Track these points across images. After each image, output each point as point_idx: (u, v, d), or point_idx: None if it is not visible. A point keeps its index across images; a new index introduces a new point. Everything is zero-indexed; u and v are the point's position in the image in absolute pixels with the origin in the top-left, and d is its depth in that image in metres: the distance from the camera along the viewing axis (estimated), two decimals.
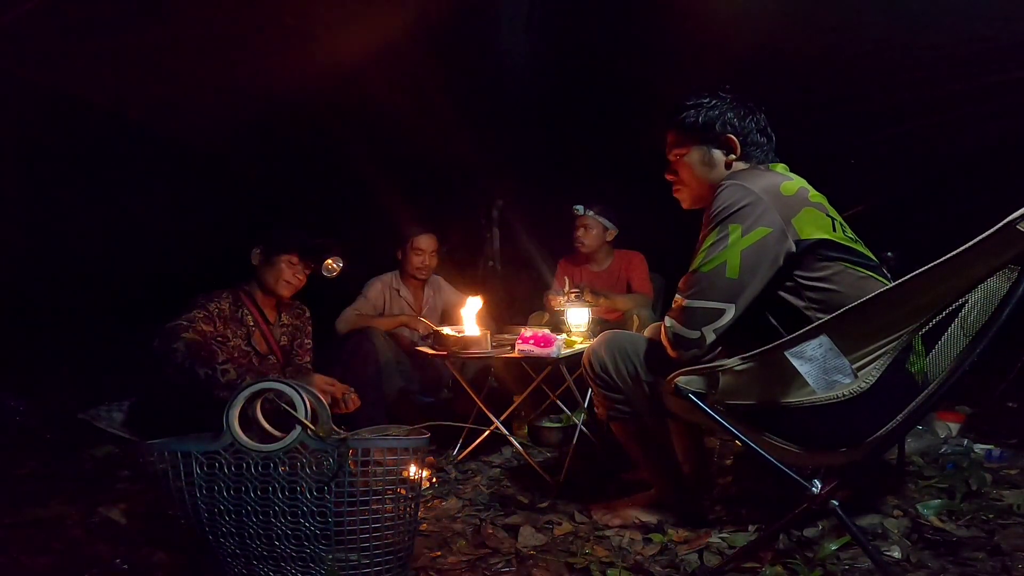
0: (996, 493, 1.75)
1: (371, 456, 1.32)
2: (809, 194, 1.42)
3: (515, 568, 1.50)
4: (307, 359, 2.47)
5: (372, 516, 1.30)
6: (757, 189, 1.37)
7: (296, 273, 2.34)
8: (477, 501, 1.95)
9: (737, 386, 1.30)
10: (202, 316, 2.15)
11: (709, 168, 1.57)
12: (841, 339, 1.19)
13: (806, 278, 1.36)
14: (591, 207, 3.13)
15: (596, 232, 3.15)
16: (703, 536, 1.57)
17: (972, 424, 2.32)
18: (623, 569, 1.44)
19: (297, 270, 2.35)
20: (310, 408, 1.30)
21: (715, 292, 1.38)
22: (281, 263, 2.31)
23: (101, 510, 1.78)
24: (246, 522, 1.29)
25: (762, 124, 1.56)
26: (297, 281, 2.36)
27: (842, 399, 1.24)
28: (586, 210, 3.13)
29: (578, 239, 3.16)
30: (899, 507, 1.68)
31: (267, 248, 2.34)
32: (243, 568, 1.32)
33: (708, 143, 1.55)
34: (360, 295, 2.99)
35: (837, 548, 1.43)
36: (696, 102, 1.57)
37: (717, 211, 1.40)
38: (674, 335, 1.43)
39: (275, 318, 2.41)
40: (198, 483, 1.28)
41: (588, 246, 3.17)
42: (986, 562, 1.39)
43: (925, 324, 1.22)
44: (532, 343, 2.09)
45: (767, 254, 1.35)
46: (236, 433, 1.28)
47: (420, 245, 3.01)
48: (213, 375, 1.99)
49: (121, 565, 1.49)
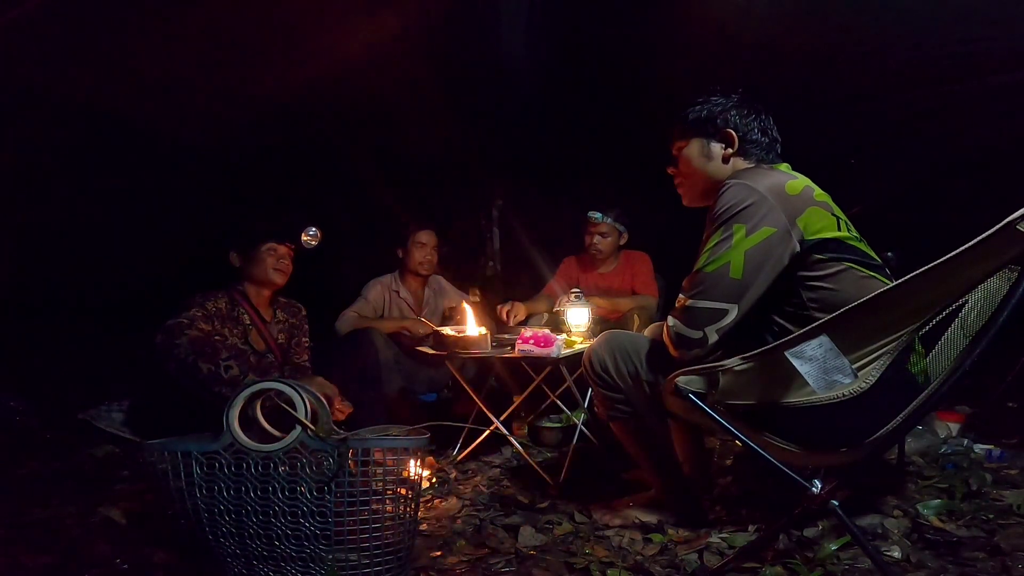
0: (996, 493, 1.75)
1: (371, 456, 1.32)
2: (814, 193, 1.41)
3: (515, 568, 1.50)
4: (305, 357, 2.47)
5: (372, 516, 1.31)
6: (762, 188, 1.37)
7: (280, 258, 2.35)
8: (477, 501, 1.95)
9: (737, 386, 1.30)
10: (201, 315, 2.16)
11: (707, 160, 1.59)
12: (841, 339, 1.19)
13: (810, 278, 1.36)
14: (608, 213, 3.10)
15: (612, 239, 3.14)
16: (703, 536, 1.57)
17: (972, 424, 2.32)
18: (623, 569, 1.44)
19: (280, 255, 2.35)
20: (310, 408, 1.30)
21: (718, 292, 1.38)
22: (262, 255, 2.32)
23: (101, 510, 1.79)
24: (246, 522, 1.29)
25: (765, 125, 1.57)
26: (284, 266, 2.37)
27: (842, 399, 1.24)
28: (604, 216, 3.10)
29: (593, 245, 3.14)
30: (899, 507, 1.68)
31: (241, 246, 2.35)
32: (243, 568, 1.32)
33: (708, 136, 1.58)
34: (360, 296, 2.99)
35: (837, 548, 1.43)
36: (704, 98, 1.60)
37: (721, 210, 1.40)
38: (677, 335, 1.43)
39: (271, 316, 2.42)
40: (198, 483, 1.28)
41: (604, 252, 3.15)
42: (986, 562, 1.39)
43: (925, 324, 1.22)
44: (532, 343, 2.09)
45: (771, 254, 1.35)
46: (236, 433, 1.28)
47: (422, 239, 3.01)
48: (216, 371, 2.00)
49: (121, 565, 1.49)
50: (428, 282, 3.15)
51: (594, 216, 3.10)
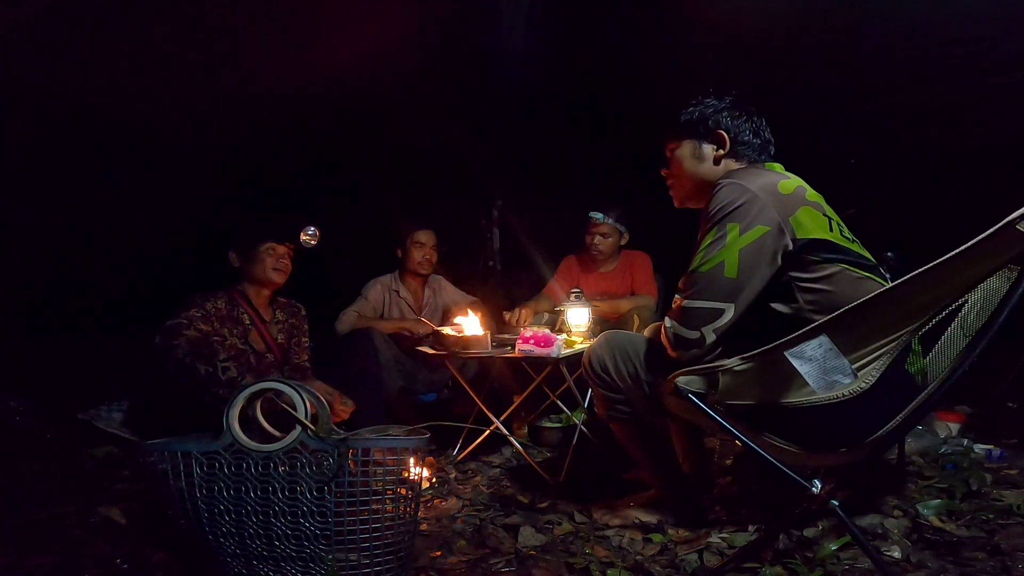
0: (996, 493, 1.74)
1: (371, 456, 1.32)
2: (807, 193, 1.42)
3: (515, 568, 1.50)
4: (305, 357, 2.47)
5: (372, 516, 1.31)
6: (755, 187, 1.38)
7: (280, 258, 2.35)
8: (477, 501, 1.95)
9: (737, 386, 1.30)
10: (200, 315, 2.16)
11: (698, 161, 1.60)
12: (841, 339, 1.19)
13: (804, 279, 1.36)
14: (609, 214, 3.09)
15: (613, 239, 3.13)
16: (703, 536, 1.57)
17: (972, 424, 2.32)
18: (623, 569, 1.44)
19: (279, 254, 2.35)
20: (310, 408, 1.30)
21: (714, 292, 1.38)
22: (261, 254, 2.32)
23: (101, 510, 1.79)
24: (246, 522, 1.29)
25: (757, 127, 1.58)
26: (284, 265, 2.36)
27: (842, 399, 1.24)
28: (605, 217, 3.09)
29: (594, 246, 3.13)
30: (899, 507, 1.68)
31: (240, 246, 2.35)
32: (243, 568, 1.32)
33: (699, 137, 1.59)
34: (360, 296, 2.99)
35: (837, 548, 1.43)
36: (696, 101, 1.61)
37: (715, 210, 1.40)
38: (674, 335, 1.43)
39: (270, 316, 2.42)
40: (198, 483, 1.28)
41: (605, 253, 3.14)
42: (986, 562, 1.39)
43: (925, 324, 1.22)
44: (532, 343, 2.09)
45: (766, 252, 1.35)
46: (236, 433, 1.29)
47: (420, 239, 3.01)
48: (214, 372, 2.00)
49: (121, 565, 1.49)
50: (428, 282, 3.15)
51: (595, 216, 3.10)
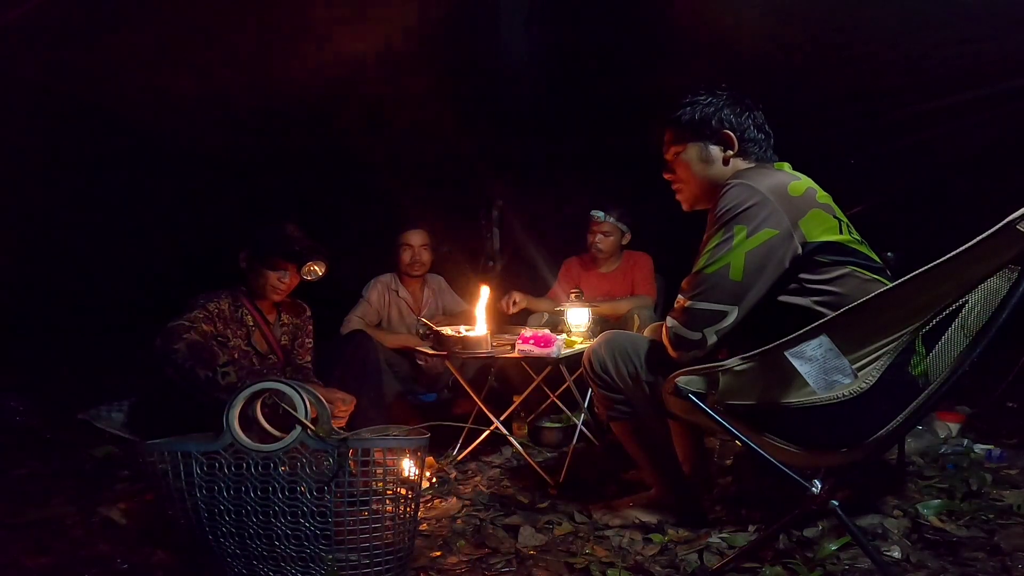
0: (996, 493, 1.75)
1: (371, 456, 1.32)
2: (817, 195, 1.40)
3: (515, 568, 1.50)
4: (307, 358, 2.47)
5: (372, 516, 1.31)
6: (764, 189, 1.36)
7: (282, 277, 2.30)
8: (477, 501, 1.94)
9: (737, 386, 1.30)
10: (203, 316, 2.15)
11: (707, 165, 1.55)
12: (841, 339, 1.19)
13: (812, 281, 1.35)
14: (611, 212, 3.08)
15: (614, 238, 3.12)
16: (703, 536, 1.57)
17: (972, 424, 2.32)
18: (623, 569, 1.44)
19: (283, 274, 2.31)
20: (310, 408, 1.30)
21: (718, 294, 1.37)
22: (267, 269, 2.28)
23: (101, 510, 1.78)
24: (246, 522, 1.29)
25: (759, 121, 1.55)
26: (285, 285, 2.31)
27: (842, 399, 1.24)
28: (606, 216, 3.08)
29: (595, 245, 3.12)
30: (899, 507, 1.68)
31: (252, 253, 2.32)
32: (243, 568, 1.32)
33: (705, 139, 1.54)
34: (362, 299, 2.98)
35: (837, 548, 1.43)
36: (692, 99, 1.56)
37: (722, 211, 1.38)
38: (675, 336, 1.42)
39: (274, 317, 2.41)
40: (198, 483, 1.28)
41: (605, 252, 3.13)
42: (986, 562, 1.39)
43: (925, 324, 1.22)
44: (532, 343, 2.09)
45: (773, 256, 1.34)
46: (236, 433, 1.28)
47: (408, 240, 3.00)
48: (213, 377, 1.99)
49: (121, 565, 1.49)
50: (427, 282, 3.15)
51: (597, 215, 3.09)
